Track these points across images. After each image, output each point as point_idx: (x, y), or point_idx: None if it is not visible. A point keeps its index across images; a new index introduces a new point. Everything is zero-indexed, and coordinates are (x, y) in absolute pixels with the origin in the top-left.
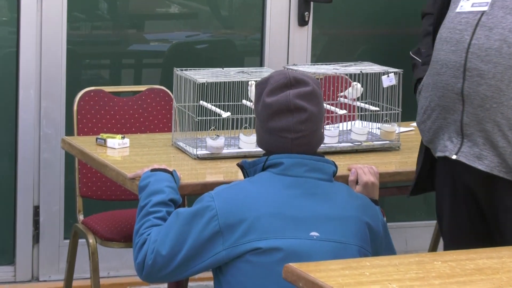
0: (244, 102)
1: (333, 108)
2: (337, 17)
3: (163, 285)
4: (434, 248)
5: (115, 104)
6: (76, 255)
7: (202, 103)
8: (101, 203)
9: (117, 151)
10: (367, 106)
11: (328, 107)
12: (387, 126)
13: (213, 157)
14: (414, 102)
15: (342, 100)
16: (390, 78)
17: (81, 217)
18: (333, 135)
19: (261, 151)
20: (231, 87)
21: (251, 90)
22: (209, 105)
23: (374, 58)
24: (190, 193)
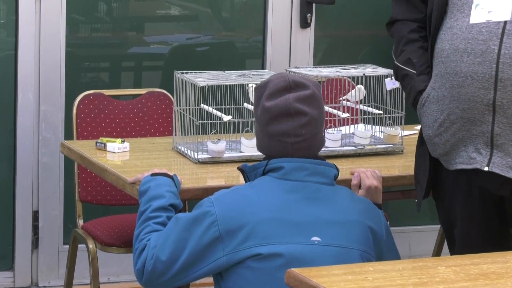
0: (245, 105)
1: (335, 111)
2: (339, 19)
3: None
4: (438, 252)
5: (115, 108)
6: (75, 261)
7: (203, 106)
8: (101, 208)
9: (117, 155)
10: (370, 109)
11: (331, 110)
12: (390, 130)
13: (214, 161)
14: None
15: (345, 103)
16: (393, 81)
17: (80, 222)
18: (336, 138)
19: (263, 155)
20: (232, 90)
21: (251, 92)
22: (210, 109)
23: (377, 60)
24: (191, 198)
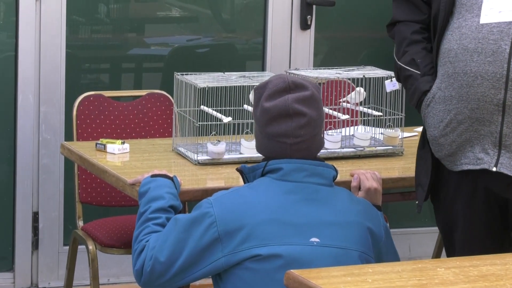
0: (245, 107)
1: (335, 113)
2: (339, 21)
3: None
4: (438, 254)
5: (115, 109)
6: (75, 262)
7: (203, 108)
8: (101, 209)
9: (117, 156)
10: (370, 111)
11: (331, 112)
12: (390, 131)
13: (214, 162)
14: None
15: (345, 105)
16: (393, 82)
17: (80, 223)
18: (336, 140)
19: (262, 156)
20: (232, 91)
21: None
22: (210, 110)
23: (378, 62)
24: (190, 199)
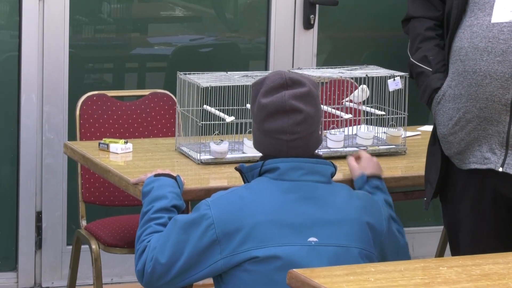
0: (248, 106)
1: (338, 112)
2: (343, 20)
3: None
4: (441, 253)
5: (118, 109)
6: (79, 261)
7: (206, 107)
8: (104, 209)
9: (120, 156)
10: (372, 110)
11: (334, 111)
12: (393, 131)
13: (217, 162)
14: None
15: (348, 104)
16: (396, 81)
17: (84, 223)
18: (338, 139)
19: None
20: (235, 91)
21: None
22: (213, 110)
23: (380, 61)
24: (193, 199)
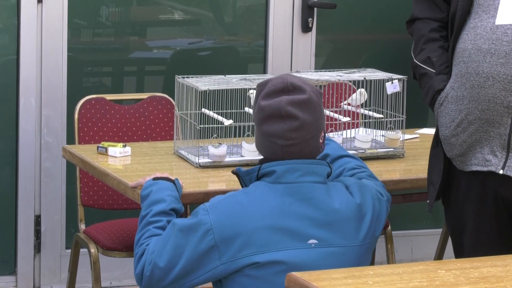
0: (246, 109)
1: (336, 116)
2: (341, 23)
3: None
4: (440, 256)
5: (116, 112)
6: (77, 265)
7: (204, 110)
8: (103, 212)
9: (119, 159)
10: (371, 113)
11: (332, 114)
12: (391, 134)
13: (215, 165)
14: (419, 109)
15: (346, 107)
16: (394, 84)
17: (82, 226)
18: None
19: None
20: (233, 94)
21: (252, 98)
22: (211, 113)
23: (379, 64)
24: (192, 202)
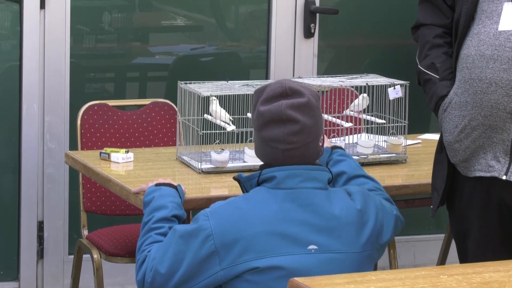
0: (248, 115)
1: (338, 121)
2: (343, 29)
3: None
4: (443, 262)
5: (119, 118)
6: (80, 271)
7: (207, 116)
8: (106, 218)
9: (121, 165)
10: (373, 118)
11: (334, 120)
12: (393, 139)
13: (218, 171)
14: (421, 115)
15: (348, 112)
16: (396, 90)
17: (85, 232)
18: None
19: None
20: (235, 100)
21: (214, 103)
22: (213, 119)
23: (381, 70)
24: (194, 208)
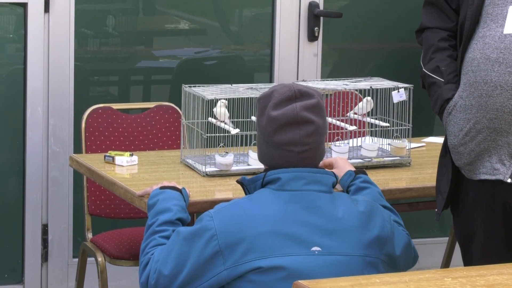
0: (253, 118)
1: (343, 124)
2: (347, 33)
3: None
4: (447, 265)
5: (123, 121)
6: (85, 274)
7: (211, 119)
8: (110, 221)
9: (126, 168)
10: (377, 122)
11: (338, 123)
12: (397, 142)
13: (222, 174)
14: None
15: (352, 116)
16: (400, 93)
17: (89, 235)
18: (343, 151)
19: None
20: (239, 103)
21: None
22: (218, 122)
23: (385, 73)
24: (199, 211)
